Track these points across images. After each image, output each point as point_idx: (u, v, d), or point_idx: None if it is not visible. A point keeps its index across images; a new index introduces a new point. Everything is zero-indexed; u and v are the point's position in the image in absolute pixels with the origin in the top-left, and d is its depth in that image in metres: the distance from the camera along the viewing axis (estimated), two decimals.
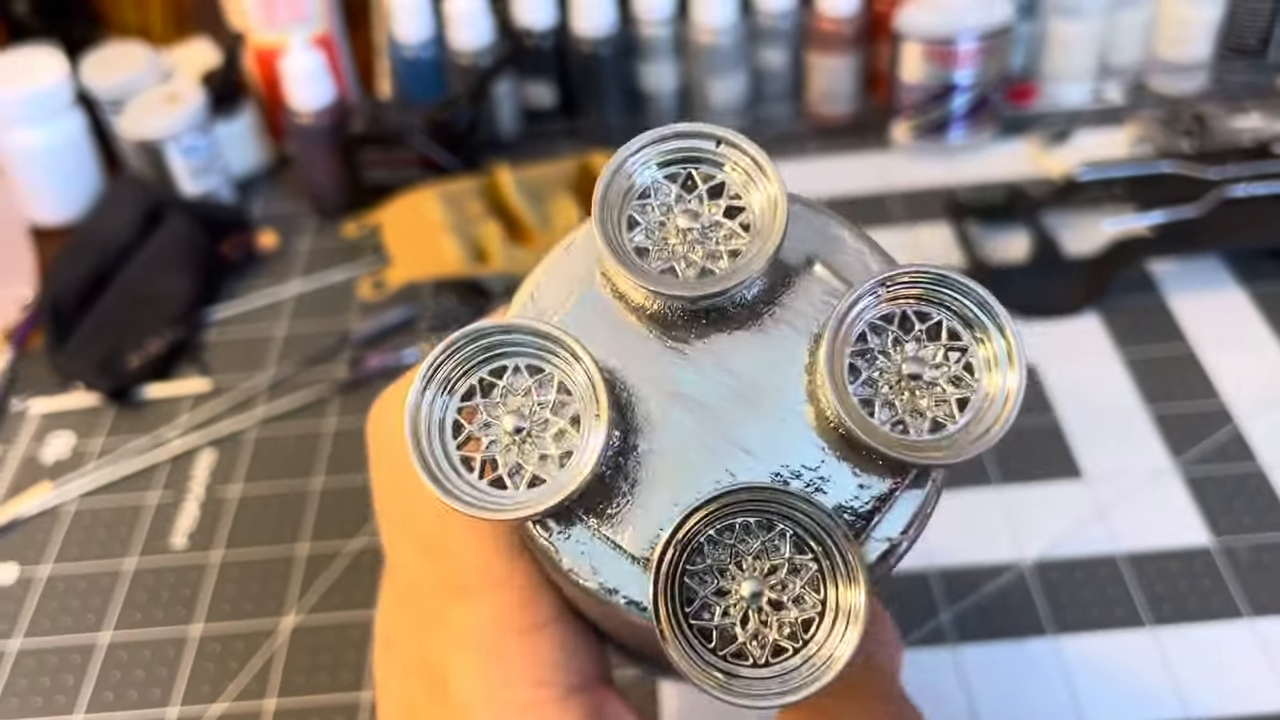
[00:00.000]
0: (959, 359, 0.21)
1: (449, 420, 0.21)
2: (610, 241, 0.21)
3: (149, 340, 0.65)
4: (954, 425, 0.21)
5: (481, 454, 0.21)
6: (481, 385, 0.21)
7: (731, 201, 0.22)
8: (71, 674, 0.50)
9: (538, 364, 0.21)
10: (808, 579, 0.20)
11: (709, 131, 0.22)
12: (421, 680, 0.27)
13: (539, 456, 0.21)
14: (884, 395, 0.21)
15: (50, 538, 0.57)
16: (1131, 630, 0.48)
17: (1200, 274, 0.64)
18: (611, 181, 0.21)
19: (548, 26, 0.75)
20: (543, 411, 0.21)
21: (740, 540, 0.21)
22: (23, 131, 0.73)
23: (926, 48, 0.71)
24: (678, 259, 0.22)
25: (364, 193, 0.73)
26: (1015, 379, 0.21)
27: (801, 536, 0.20)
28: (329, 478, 0.58)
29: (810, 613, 0.20)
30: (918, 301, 0.21)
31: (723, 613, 0.20)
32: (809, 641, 0.20)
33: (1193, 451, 0.55)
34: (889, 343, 0.21)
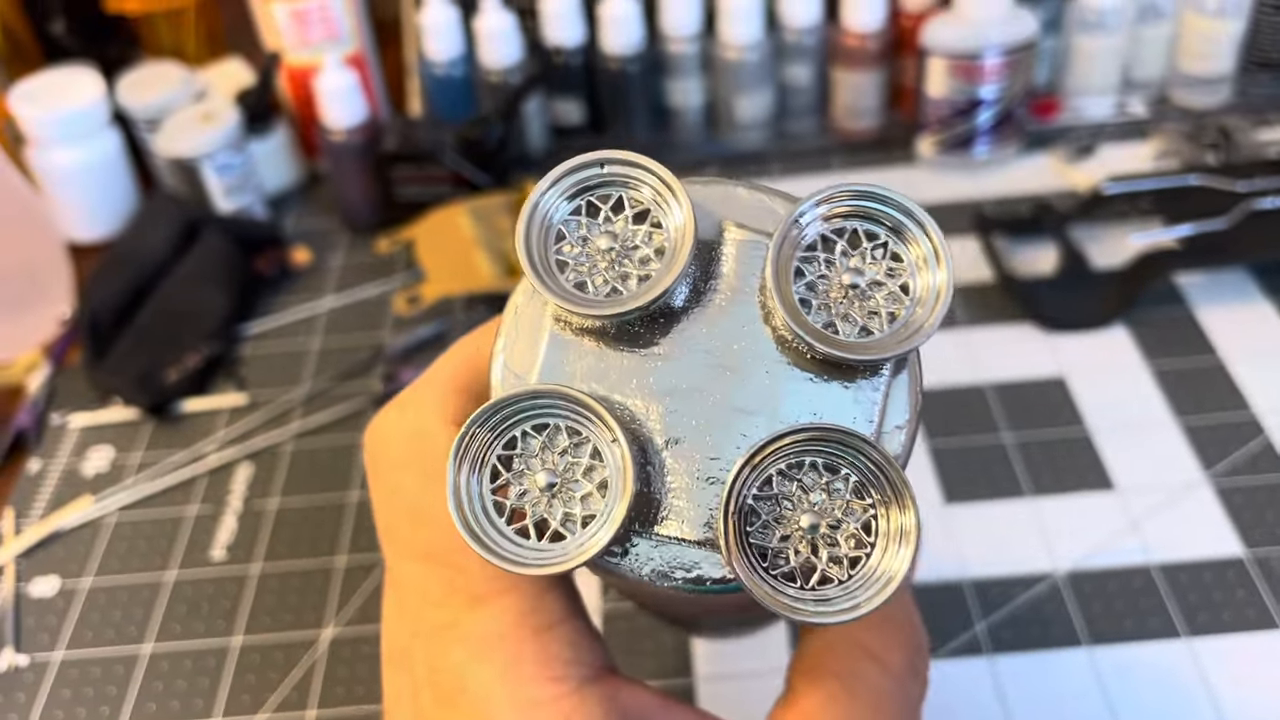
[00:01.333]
0: (891, 263, 0.23)
1: (487, 495, 0.23)
2: (550, 288, 0.22)
3: (186, 355, 0.65)
4: (904, 313, 0.22)
5: (511, 504, 0.23)
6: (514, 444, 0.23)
7: (634, 210, 0.23)
8: (114, 685, 0.51)
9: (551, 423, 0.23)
10: (860, 507, 0.22)
11: (596, 158, 0.23)
12: (432, 691, 0.27)
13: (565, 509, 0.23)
14: (838, 311, 0.23)
15: (91, 550, 0.58)
16: (1166, 641, 0.48)
17: (1227, 286, 0.65)
18: (529, 232, 0.23)
19: (576, 44, 0.76)
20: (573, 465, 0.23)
21: (792, 480, 0.22)
22: (61, 150, 0.74)
23: (952, 63, 0.72)
24: (616, 279, 0.23)
25: (396, 209, 0.74)
26: (944, 275, 0.22)
27: (837, 466, 0.22)
28: (365, 491, 0.59)
29: (861, 549, 0.22)
30: (845, 219, 0.23)
31: (783, 541, 0.22)
32: (867, 561, 0.22)
33: (1224, 463, 0.55)
34: (826, 263, 0.23)
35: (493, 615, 0.27)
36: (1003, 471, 0.56)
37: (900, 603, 0.29)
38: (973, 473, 0.56)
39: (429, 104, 0.80)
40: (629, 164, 0.23)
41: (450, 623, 0.27)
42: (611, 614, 0.51)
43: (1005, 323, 0.64)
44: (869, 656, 0.27)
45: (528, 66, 0.76)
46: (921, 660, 0.29)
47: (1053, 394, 0.60)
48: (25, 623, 0.54)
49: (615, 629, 0.51)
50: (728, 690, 0.49)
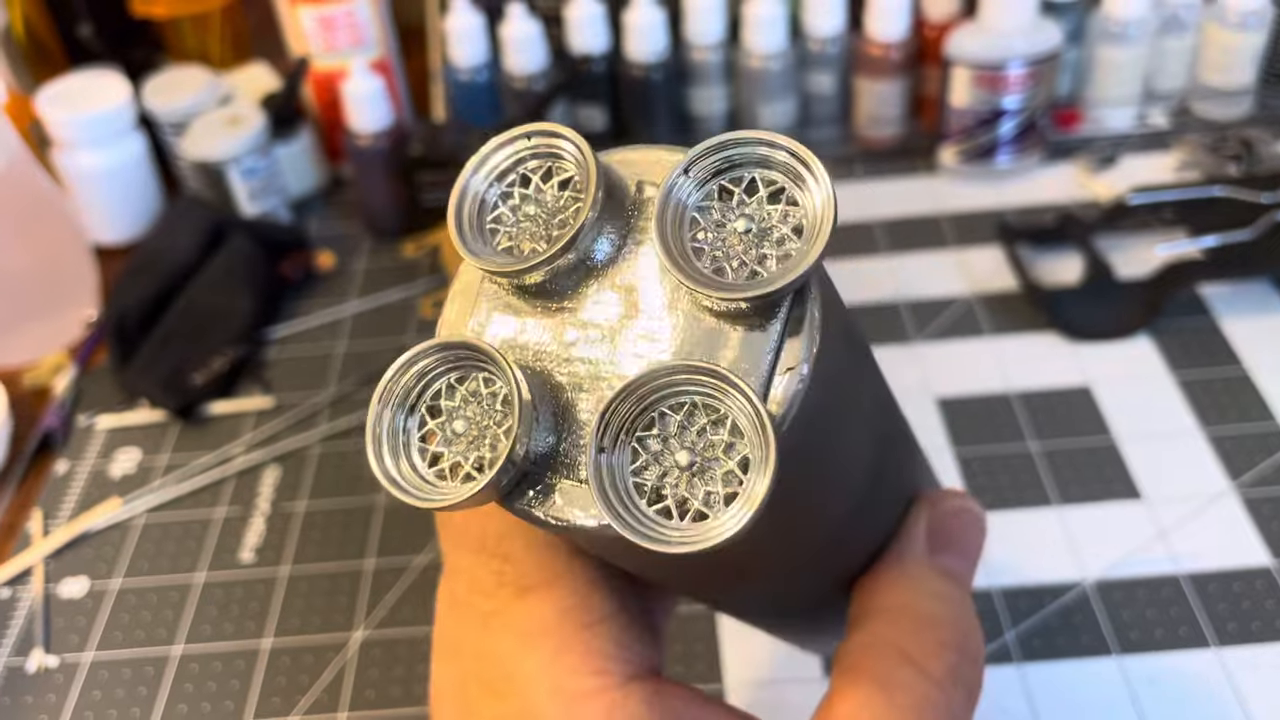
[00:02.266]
0: (788, 208, 0.23)
1: (414, 424, 0.24)
2: (470, 251, 0.23)
3: (213, 358, 0.66)
4: (794, 247, 0.23)
5: (433, 449, 0.23)
6: (446, 391, 0.24)
7: (560, 178, 0.24)
8: (145, 686, 0.51)
9: (466, 375, 0.24)
10: (728, 438, 0.22)
11: (522, 131, 0.24)
12: (479, 681, 0.28)
13: (478, 453, 0.23)
14: (730, 257, 0.23)
15: (120, 552, 0.58)
16: (1197, 651, 0.48)
17: (1251, 297, 0.65)
18: (460, 207, 0.24)
19: (601, 51, 0.76)
20: (488, 414, 0.23)
21: (663, 419, 0.22)
22: (86, 153, 0.75)
23: (976, 73, 0.72)
24: (537, 241, 0.24)
25: (420, 214, 0.74)
26: (823, 191, 0.22)
27: (713, 404, 0.22)
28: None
29: (735, 467, 0.22)
30: (737, 169, 0.23)
31: (661, 479, 0.22)
32: (736, 495, 0.22)
33: (1250, 473, 0.55)
34: (721, 212, 0.23)
35: (539, 606, 0.27)
36: (1029, 480, 0.56)
37: (949, 606, 0.29)
38: (999, 481, 0.56)
39: (453, 110, 0.81)
40: (551, 134, 0.24)
41: (497, 611, 0.28)
42: None
43: (1030, 332, 0.64)
44: (907, 661, 0.27)
45: (553, 73, 0.76)
46: (968, 664, 0.28)
47: (1078, 403, 0.60)
48: (55, 624, 0.55)
49: None
50: (758, 696, 0.49)
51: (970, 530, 0.31)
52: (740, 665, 0.49)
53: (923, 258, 0.71)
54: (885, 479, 0.30)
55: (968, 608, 0.29)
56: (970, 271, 0.69)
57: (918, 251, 0.71)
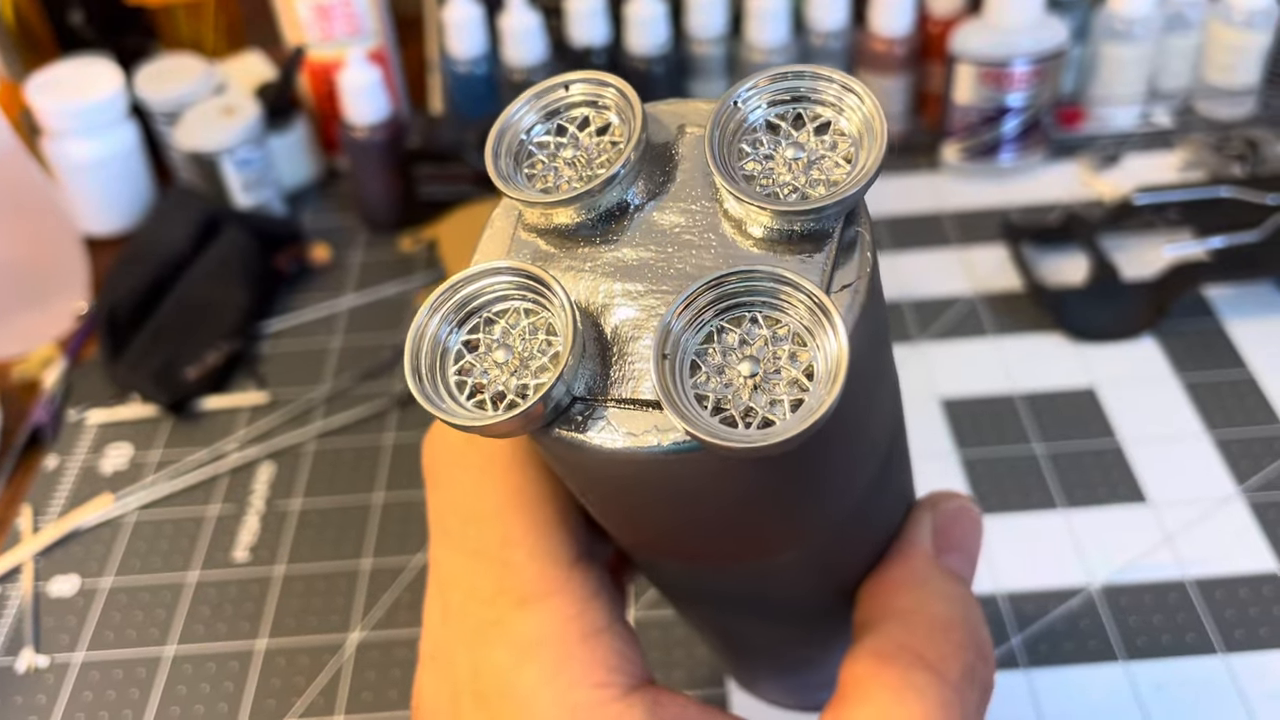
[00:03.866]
0: (837, 138, 0.23)
1: (452, 348, 0.23)
2: (508, 184, 0.23)
3: (206, 352, 0.65)
4: (843, 172, 0.23)
5: (473, 380, 0.23)
6: (483, 322, 0.23)
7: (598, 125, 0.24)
8: (137, 687, 0.50)
9: (525, 305, 0.23)
10: (791, 348, 0.22)
11: (562, 79, 0.24)
12: (474, 693, 0.27)
13: (521, 381, 0.23)
14: (781, 184, 0.23)
15: (111, 550, 0.57)
16: (1204, 657, 0.48)
17: (1257, 299, 0.64)
18: (499, 147, 0.24)
19: (601, 43, 0.75)
20: (530, 342, 0.23)
21: (721, 333, 0.22)
22: (78, 142, 0.73)
23: (981, 70, 0.71)
24: (579, 183, 0.24)
25: (417, 207, 0.73)
26: (868, 105, 0.23)
27: (774, 315, 0.22)
28: (390, 492, 0.58)
29: (800, 375, 0.22)
30: (783, 104, 0.24)
31: (726, 388, 0.22)
32: (803, 402, 0.21)
33: (1257, 478, 0.55)
34: (770, 144, 0.23)
35: (540, 617, 0.26)
36: (1035, 482, 0.55)
37: (960, 607, 0.29)
38: (1004, 484, 0.56)
39: (450, 102, 0.80)
40: (590, 81, 0.24)
41: (496, 621, 0.27)
42: (644, 622, 0.51)
43: (1034, 332, 0.64)
44: (924, 665, 0.26)
45: (552, 65, 0.75)
46: (982, 664, 0.28)
47: (1083, 405, 0.59)
48: (44, 623, 0.54)
49: (648, 638, 0.50)
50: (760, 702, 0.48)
51: (972, 531, 0.31)
52: None
53: (925, 256, 0.70)
54: (893, 469, 0.30)
55: (976, 608, 0.29)
56: (973, 270, 0.69)
57: (920, 250, 0.71)
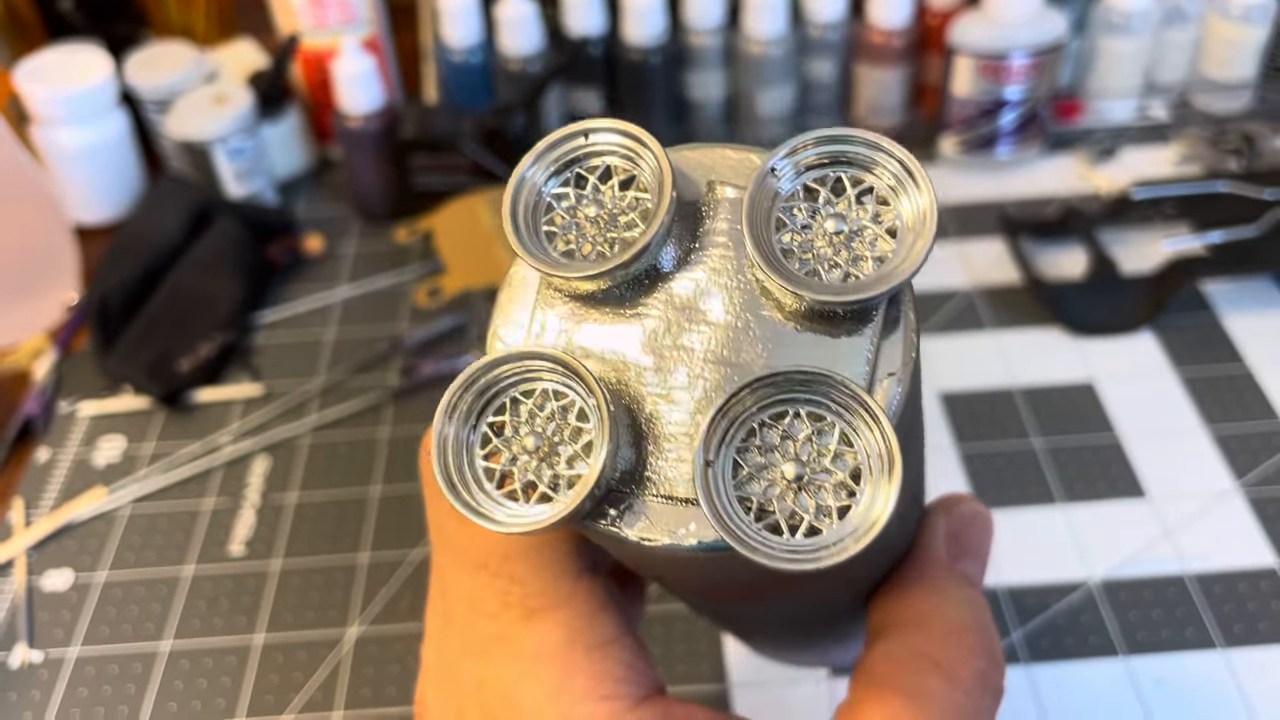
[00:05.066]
0: (878, 207, 0.22)
1: (477, 437, 0.23)
2: (534, 254, 0.22)
3: (199, 344, 0.64)
4: (890, 251, 0.22)
5: (501, 468, 0.22)
6: (510, 406, 0.23)
7: (621, 178, 0.23)
8: (133, 683, 0.50)
9: (556, 389, 0.22)
10: (837, 448, 0.21)
11: (581, 128, 0.23)
12: (479, 709, 0.27)
13: (553, 471, 0.22)
14: (822, 259, 0.22)
15: (105, 543, 0.56)
16: (1203, 652, 0.48)
17: (1254, 294, 0.64)
18: (515, 205, 0.23)
19: (598, 33, 0.75)
20: (560, 428, 0.22)
21: (774, 430, 0.21)
22: (67, 130, 0.72)
23: (979, 62, 0.71)
24: (603, 246, 0.23)
25: (411, 198, 0.73)
26: (926, 197, 0.22)
27: (819, 413, 0.21)
28: (387, 486, 0.58)
29: (847, 478, 0.21)
30: (823, 168, 0.23)
31: (768, 491, 0.21)
32: (850, 509, 0.21)
33: (1255, 473, 0.55)
34: (809, 212, 0.22)
35: (546, 630, 0.26)
36: (1033, 477, 0.55)
37: (973, 611, 0.28)
38: (1003, 478, 0.56)
39: (444, 91, 0.79)
40: (613, 131, 0.23)
41: (501, 636, 0.26)
42: (646, 618, 0.51)
43: (1033, 326, 0.64)
44: (938, 670, 0.26)
45: (549, 55, 0.75)
46: (994, 669, 0.28)
47: (1082, 400, 0.59)
48: (38, 617, 0.53)
49: (651, 633, 0.50)
50: (763, 697, 0.48)
51: (984, 535, 0.31)
52: (744, 667, 0.49)
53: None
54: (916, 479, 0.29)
55: (988, 613, 0.29)
56: (971, 264, 0.69)
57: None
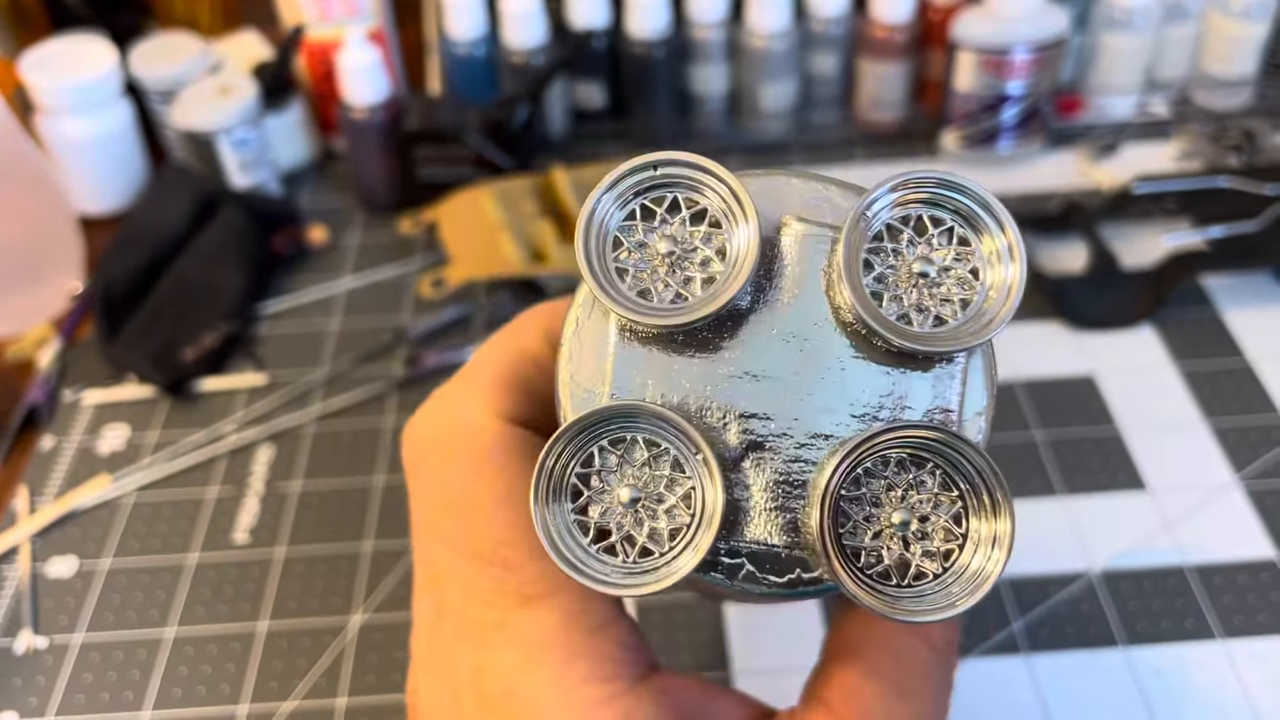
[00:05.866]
0: (959, 248, 0.23)
1: (569, 515, 0.22)
2: (615, 299, 0.22)
3: (203, 333, 0.64)
4: (976, 299, 0.22)
5: (595, 522, 0.22)
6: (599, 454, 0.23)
7: (691, 211, 0.23)
8: (137, 669, 0.50)
9: (650, 438, 0.22)
10: (948, 499, 0.22)
11: (649, 161, 0.23)
12: (476, 695, 0.27)
13: (651, 526, 0.22)
14: (910, 301, 0.22)
15: (109, 531, 0.56)
16: (1203, 643, 0.48)
17: (1253, 289, 0.65)
18: (588, 240, 0.22)
19: (601, 27, 0.75)
20: (654, 478, 0.22)
21: (879, 478, 0.22)
22: (72, 120, 0.72)
23: (981, 57, 0.71)
24: (678, 284, 0.22)
25: (415, 189, 0.73)
26: (1016, 268, 0.22)
27: (923, 460, 0.22)
28: (391, 475, 0.58)
29: (952, 543, 0.22)
30: (911, 206, 0.23)
31: (875, 539, 0.22)
32: (960, 555, 0.22)
33: (1254, 465, 0.55)
34: (894, 252, 0.23)
35: (544, 615, 0.26)
36: (1034, 469, 0.56)
37: None
38: (1004, 469, 0.55)
39: (448, 84, 0.79)
40: (684, 164, 0.23)
41: (499, 623, 0.27)
42: (645, 606, 0.51)
43: (1034, 319, 0.64)
44: (912, 631, 0.28)
45: (552, 48, 0.75)
46: (957, 634, 0.29)
47: (1082, 392, 0.60)
48: (43, 604, 0.53)
49: (650, 621, 0.50)
50: (764, 684, 0.48)
51: None
52: (746, 654, 0.49)
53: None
54: None
55: None
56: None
57: None
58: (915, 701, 0.27)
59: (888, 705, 0.26)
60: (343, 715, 0.48)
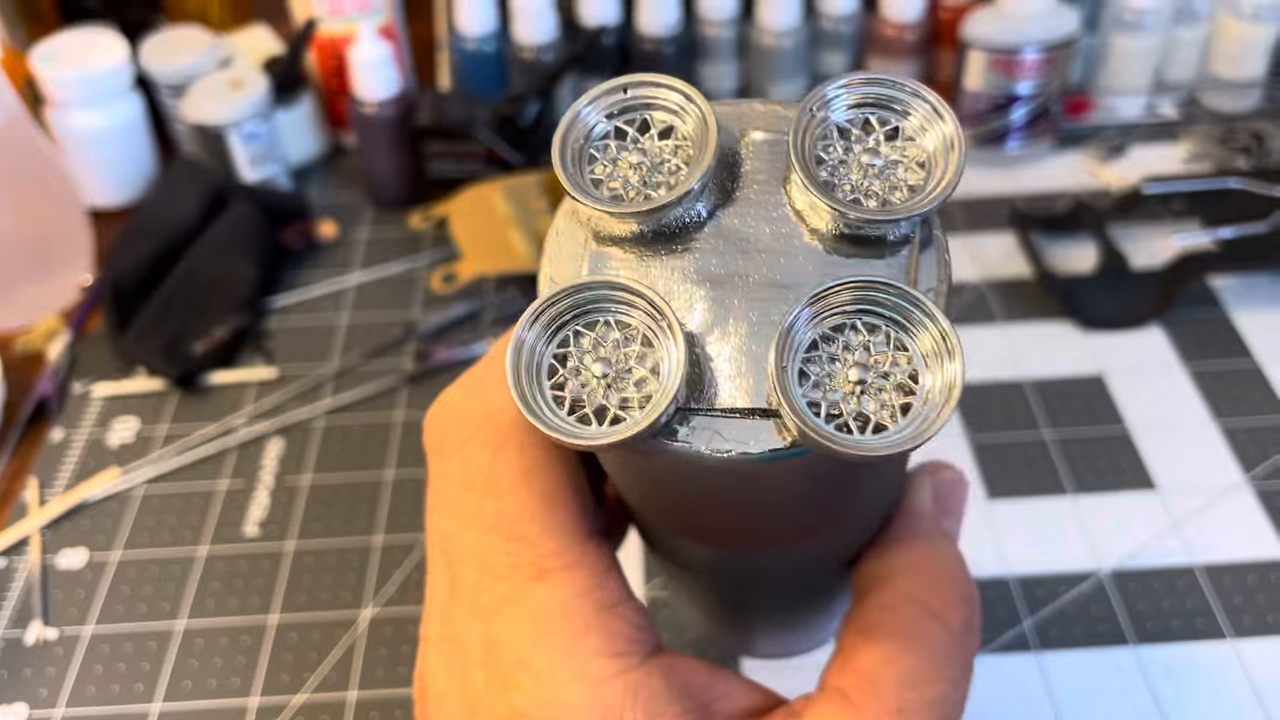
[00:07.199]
0: (905, 143, 0.24)
1: (545, 364, 0.23)
2: (586, 193, 0.23)
3: (213, 326, 0.64)
4: (921, 183, 0.23)
5: (571, 395, 0.23)
6: (573, 336, 0.24)
7: (660, 128, 0.25)
8: (148, 660, 0.50)
9: (617, 317, 0.23)
10: (904, 359, 0.23)
11: (621, 82, 0.24)
12: (487, 670, 0.27)
13: (621, 397, 0.23)
14: (860, 189, 0.24)
15: (119, 523, 0.56)
16: (1213, 642, 0.48)
17: (1261, 290, 0.65)
18: (564, 148, 0.24)
19: (612, 23, 0.75)
20: (625, 354, 0.23)
21: (834, 342, 0.23)
22: (82, 113, 0.72)
23: (991, 57, 0.71)
24: (649, 190, 0.24)
25: (425, 185, 0.73)
26: (949, 126, 0.23)
27: (876, 325, 0.23)
28: (400, 470, 0.58)
29: (910, 385, 0.22)
30: (859, 108, 0.24)
31: (833, 396, 0.22)
32: (922, 391, 0.22)
33: (1263, 466, 0.55)
34: (844, 149, 0.24)
35: (557, 589, 0.27)
36: (1044, 468, 0.56)
37: (959, 563, 0.30)
38: (1014, 469, 0.56)
39: (458, 80, 0.79)
40: (651, 84, 0.24)
41: (513, 596, 0.27)
42: (656, 601, 0.51)
43: (1043, 319, 0.64)
44: (931, 614, 0.28)
45: (562, 44, 0.75)
46: (976, 616, 0.29)
47: (1092, 392, 0.60)
48: (53, 595, 0.53)
49: (660, 617, 0.50)
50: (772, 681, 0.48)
51: (964, 498, 0.33)
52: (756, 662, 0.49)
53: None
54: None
55: (964, 561, 0.30)
56: (982, 257, 0.69)
57: None
58: (933, 688, 0.27)
59: (903, 693, 0.26)
60: (353, 708, 0.48)
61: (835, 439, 0.21)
